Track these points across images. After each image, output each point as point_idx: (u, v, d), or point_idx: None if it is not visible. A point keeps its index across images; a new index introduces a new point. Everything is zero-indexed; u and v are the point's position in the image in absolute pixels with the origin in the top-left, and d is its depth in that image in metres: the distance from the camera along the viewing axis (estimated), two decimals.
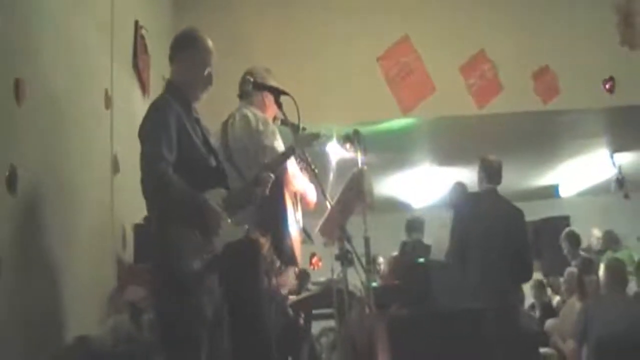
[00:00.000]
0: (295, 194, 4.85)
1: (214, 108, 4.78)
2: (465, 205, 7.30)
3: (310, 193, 4.96)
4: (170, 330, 3.65)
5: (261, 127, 4.65)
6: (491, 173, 7.06)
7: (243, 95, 4.96)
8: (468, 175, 12.63)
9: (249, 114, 4.75)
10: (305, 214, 5.25)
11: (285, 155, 4.45)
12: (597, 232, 11.09)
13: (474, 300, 5.98)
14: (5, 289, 3.32)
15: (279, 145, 4.64)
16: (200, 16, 7.75)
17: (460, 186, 8.34)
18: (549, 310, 8.80)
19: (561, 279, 8.94)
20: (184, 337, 3.61)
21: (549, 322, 8.27)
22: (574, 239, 9.71)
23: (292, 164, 4.76)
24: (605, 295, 6.33)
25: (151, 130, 3.71)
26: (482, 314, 5.81)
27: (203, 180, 3.79)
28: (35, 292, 3.70)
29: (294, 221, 4.79)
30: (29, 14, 3.90)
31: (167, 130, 3.68)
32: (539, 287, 9.09)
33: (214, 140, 4.28)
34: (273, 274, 4.78)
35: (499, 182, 7.07)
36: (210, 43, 4.04)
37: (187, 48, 4.00)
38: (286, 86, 4.27)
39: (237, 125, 4.72)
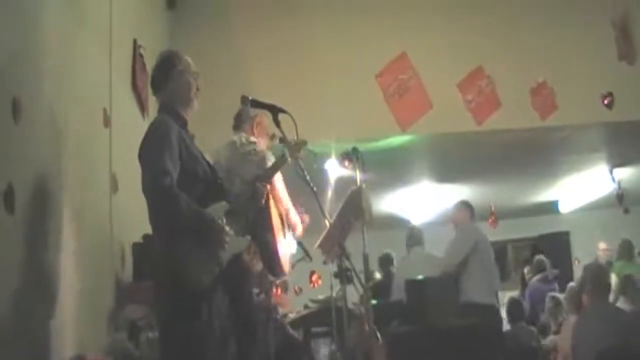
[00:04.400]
0: (282, 211, 4.88)
1: (211, 127, 4.83)
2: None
3: (293, 215, 4.97)
4: (181, 346, 3.65)
5: (246, 144, 4.71)
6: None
7: (237, 126, 5.05)
8: (467, 192, 12.69)
9: (235, 138, 4.83)
10: (304, 232, 5.26)
11: (277, 165, 4.45)
12: (603, 245, 11.09)
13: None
14: (3, 308, 3.32)
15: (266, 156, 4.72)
16: (198, 35, 7.78)
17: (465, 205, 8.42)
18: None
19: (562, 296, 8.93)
20: (195, 353, 3.62)
21: (550, 339, 8.24)
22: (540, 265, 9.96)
23: (279, 184, 4.80)
24: (588, 310, 6.26)
25: (154, 148, 3.75)
26: (480, 329, 5.80)
27: (205, 195, 3.81)
28: (34, 310, 3.69)
29: (282, 235, 4.79)
30: (28, 32, 3.91)
31: (170, 147, 3.72)
32: (557, 305, 9.06)
33: None
34: (269, 289, 4.79)
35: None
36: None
37: (173, 67, 4.06)
38: (284, 104, 4.27)
39: (222, 148, 4.80)
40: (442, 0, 8.55)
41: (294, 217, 4.98)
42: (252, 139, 4.92)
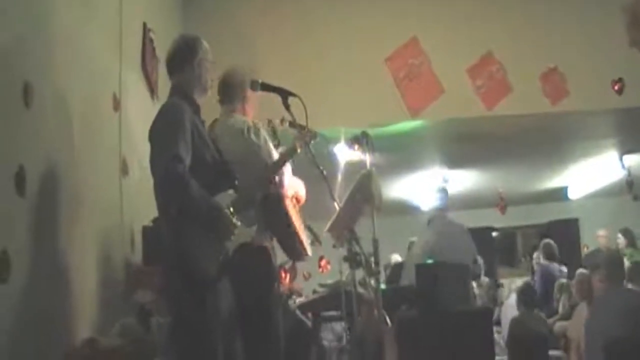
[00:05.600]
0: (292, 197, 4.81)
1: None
2: None
3: (300, 189, 4.86)
4: (187, 332, 3.66)
5: (253, 135, 4.55)
6: None
7: (225, 101, 4.75)
8: (476, 178, 12.69)
9: (242, 125, 4.62)
10: (313, 217, 5.26)
11: (286, 156, 4.42)
12: (601, 232, 11.11)
13: None
14: (15, 290, 3.33)
15: (271, 149, 4.60)
16: (207, 19, 7.77)
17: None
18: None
19: (572, 282, 8.92)
20: (201, 339, 3.64)
21: (559, 325, 8.24)
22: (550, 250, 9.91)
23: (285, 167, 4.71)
24: (604, 296, 6.26)
25: (167, 131, 3.74)
26: (490, 314, 5.81)
27: (215, 182, 3.81)
28: (44, 293, 3.71)
29: (297, 218, 4.76)
30: (38, 16, 3.91)
31: (184, 132, 3.72)
32: (565, 292, 9.06)
33: None
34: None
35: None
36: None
37: (195, 54, 4.05)
38: (294, 88, 4.27)
39: (226, 136, 4.56)
40: None
41: (301, 191, 4.88)
42: (257, 124, 4.78)
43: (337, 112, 7.77)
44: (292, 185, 4.66)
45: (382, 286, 5.73)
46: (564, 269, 10.07)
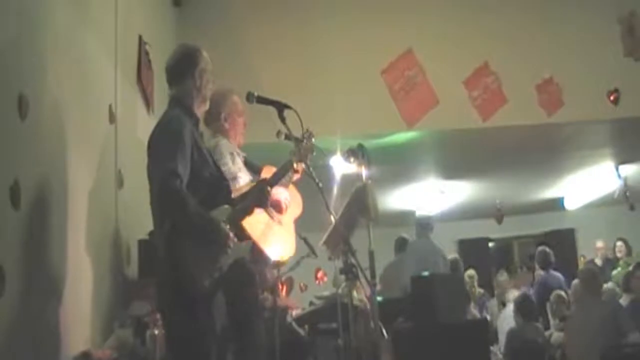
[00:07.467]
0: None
1: None
2: None
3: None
4: (181, 346, 3.65)
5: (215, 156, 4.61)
6: None
7: (206, 123, 4.95)
8: (473, 188, 12.68)
9: (209, 144, 4.71)
10: (309, 228, 5.26)
11: (283, 170, 4.42)
12: (599, 244, 11.12)
13: None
14: (9, 303, 3.32)
15: (241, 176, 4.66)
16: (204, 31, 7.78)
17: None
18: None
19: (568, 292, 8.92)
20: (194, 353, 3.62)
21: (556, 336, 8.23)
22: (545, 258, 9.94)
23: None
24: (578, 307, 6.33)
25: (167, 145, 3.72)
26: (487, 325, 5.82)
27: (212, 196, 3.80)
28: (40, 306, 3.70)
29: (275, 222, 4.72)
30: (33, 29, 3.91)
31: (183, 146, 3.71)
32: (561, 303, 9.05)
33: None
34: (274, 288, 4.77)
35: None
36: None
37: (196, 65, 4.04)
38: (290, 100, 4.27)
39: None
40: None
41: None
42: (217, 140, 4.83)
43: (333, 123, 7.76)
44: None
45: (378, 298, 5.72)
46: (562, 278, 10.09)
